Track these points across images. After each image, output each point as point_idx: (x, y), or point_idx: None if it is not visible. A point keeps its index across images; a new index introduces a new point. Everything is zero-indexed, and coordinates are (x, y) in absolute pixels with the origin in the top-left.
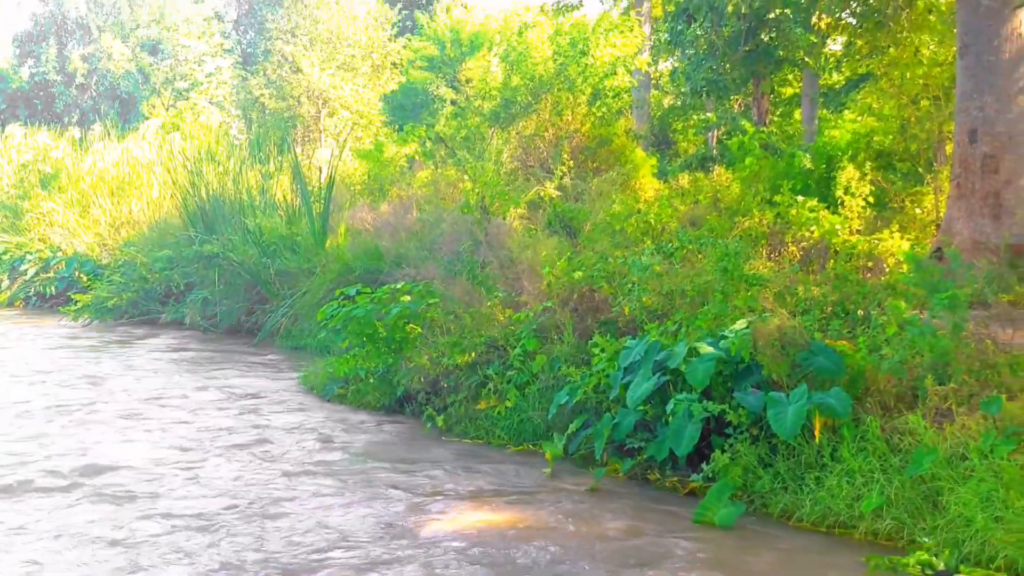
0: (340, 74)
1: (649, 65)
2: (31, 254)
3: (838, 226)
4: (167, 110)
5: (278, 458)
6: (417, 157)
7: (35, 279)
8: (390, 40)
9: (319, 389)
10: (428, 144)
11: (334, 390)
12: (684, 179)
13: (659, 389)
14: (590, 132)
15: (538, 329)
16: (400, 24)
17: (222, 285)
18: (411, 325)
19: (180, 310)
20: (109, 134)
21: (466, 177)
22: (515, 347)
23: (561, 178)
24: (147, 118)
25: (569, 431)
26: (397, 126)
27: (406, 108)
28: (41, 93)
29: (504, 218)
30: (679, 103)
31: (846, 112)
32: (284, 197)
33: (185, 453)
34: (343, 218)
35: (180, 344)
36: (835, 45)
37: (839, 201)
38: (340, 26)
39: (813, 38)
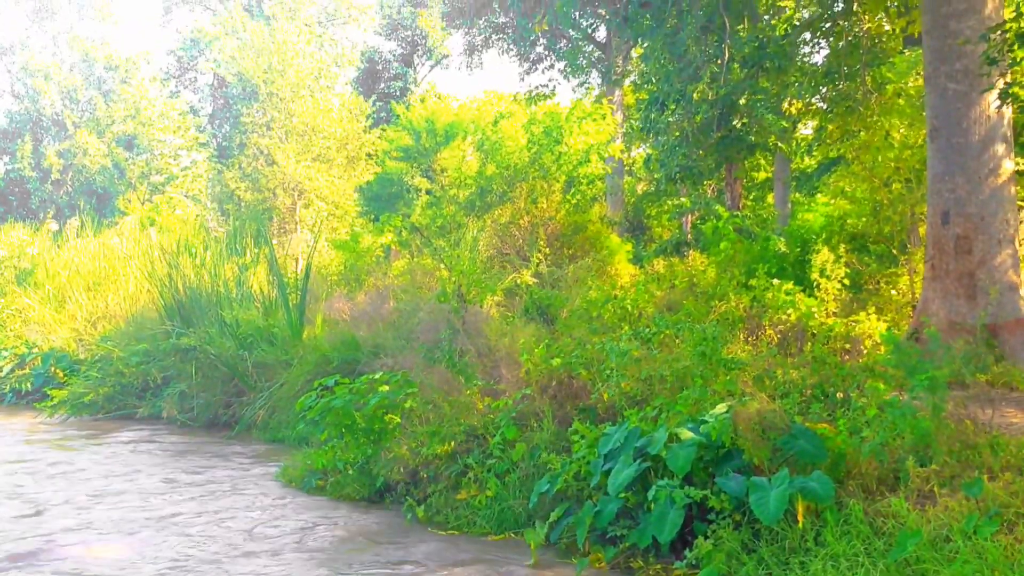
0: (315, 165)
1: (622, 152)
2: (6, 350)
3: (814, 309)
4: (143, 204)
5: (255, 553)
6: (393, 247)
7: (10, 376)
8: (364, 132)
9: (298, 482)
10: (404, 234)
11: (313, 483)
12: (659, 264)
13: (640, 476)
14: (565, 219)
15: (517, 417)
16: (374, 116)
17: (199, 378)
18: (390, 415)
19: (157, 404)
20: (85, 229)
21: (442, 266)
22: (495, 435)
23: (537, 265)
24: (124, 213)
25: (551, 519)
26: (373, 216)
27: (381, 198)
28: (16, 189)
29: (481, 306)
30: (653, 189)
31: (819, 195)
32: (261, 289)
33: (156, 547)
34: (320, 309)
35: (156, 437)
36: (806, 129)
37: (815, 284)
38: (315, 118)
39: (784, 123)
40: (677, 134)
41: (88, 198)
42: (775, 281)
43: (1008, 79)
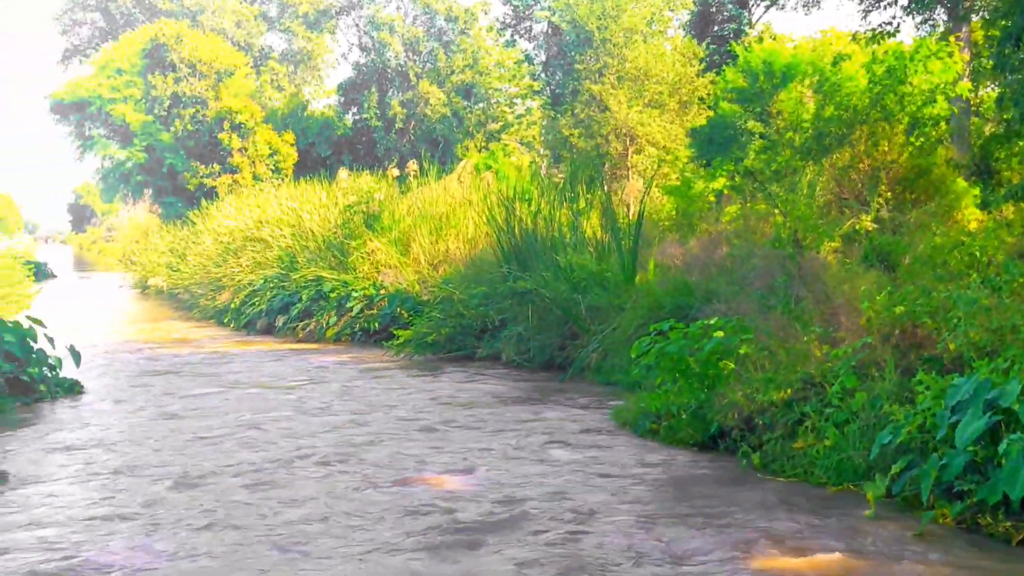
0: (648, 111)
1: (970, 91)
2: (356, 292)
3: None
4: (480, 151)
5: (598, 487)
6: (725, 192)
7: (360, 316)
8: (697, 76)
9: (631, 424)
10: (737, 179)
11: (646, 425)
12: (1009, 209)
13: (990, 429)
14: (908, 162)
15: (857, 366)
16: (707, 59)
17: (535, 320)
18: (724, 361)
19: (495, 345)
20: (426, 176)
21: (777, 211)
22: (833, 384)
23: (878, 211)
24: (461, 159)
25: (893, 471)
26: (704, 161)
27: (714, 142)
28: (363, 138)
29: (818, 252)
30: (1003, 130)
31: None
32: (594, 234)
33: (494, 485)
34: (652, 254)
35: (495, 377)
36: None
37: None
38: (647, 63)
39: None
40: None
41: (429, 146)
42: None
43: None
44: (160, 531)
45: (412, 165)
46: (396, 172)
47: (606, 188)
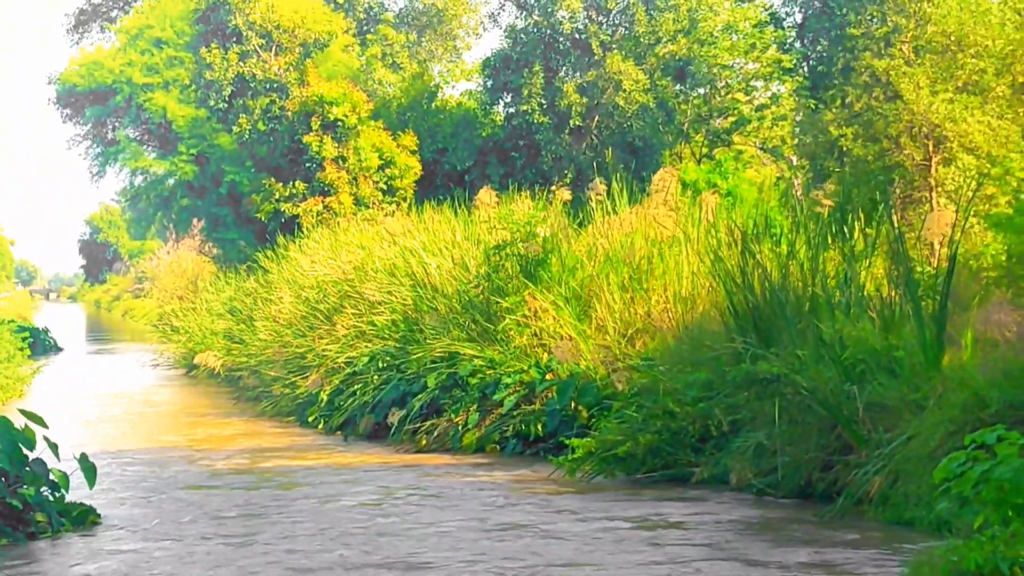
0: (961, 99)
1: None
2: (510, 377)
3: None
4: (699, 161)
5: None
6: None
7: (515, 414)
8: None
9: None
10: None
11: None
12: None
13: None
14: None
15: None
16: None
17: (784, 424)
18: None
19: (722, 461)
20: (617, 198)
21: None
22: None
23: None
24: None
25: None
26: None
27: None
28: (522, 142)
29: None
30: None
31: None
32: (877, 290)
33: None
34: (969, 321)
35: (717, 512)
36: None
37: None
38: (961, 26)
39: None
40: None
41: (621, 153)
42: None
43: None
44: None
45: (597, 184)
46: (567, 195)
47: (896, 219)
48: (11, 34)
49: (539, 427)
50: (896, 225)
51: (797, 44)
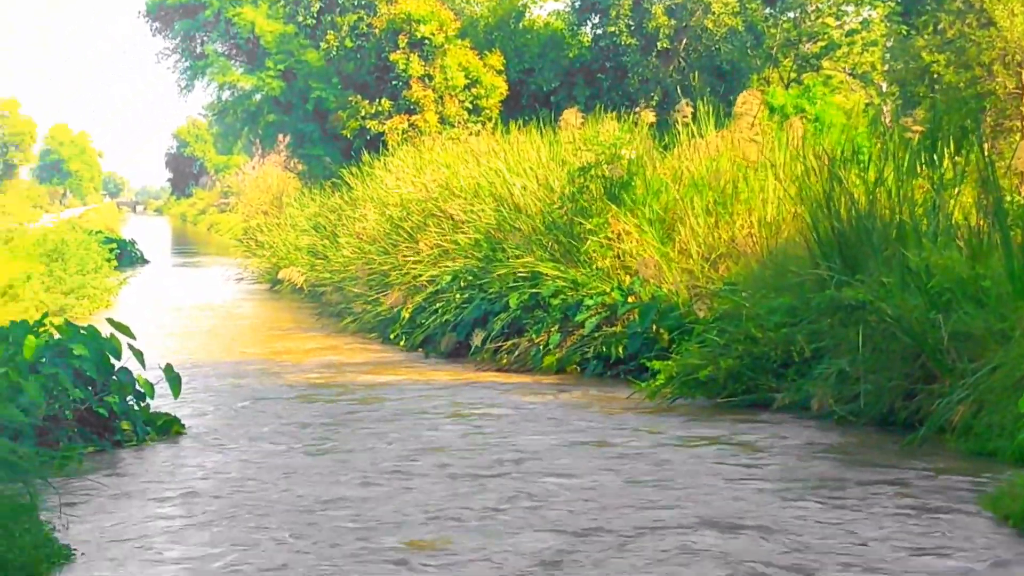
0: None
1: None
2: (591, 298)
3: None
4: (787, 86)
5: None
6: None
7: (596, 335)
8: None
9: (1016, 519)
10: None
11: None
12: None
13: None
14: None
15: None
16: None
17: (868, 352)
18: None
19: (804, 388)
20: (703, 122)
21: None
22: None
23: None
24: (764, 95)
25: None
26: None
27: None
28: (607, 64)
29: None
30: None
31: None
32: (965, 219)
33: None
34: None
35: (800, 435)
36: None
37: None
38: None
39: None
40: None
41: (707, 76)
42: None
43: None
44: None
45: (684, 107)
46: (652, 116)
47: (987, 148)
48: None
49: (620, 349)
50: (986, 153)
51: None
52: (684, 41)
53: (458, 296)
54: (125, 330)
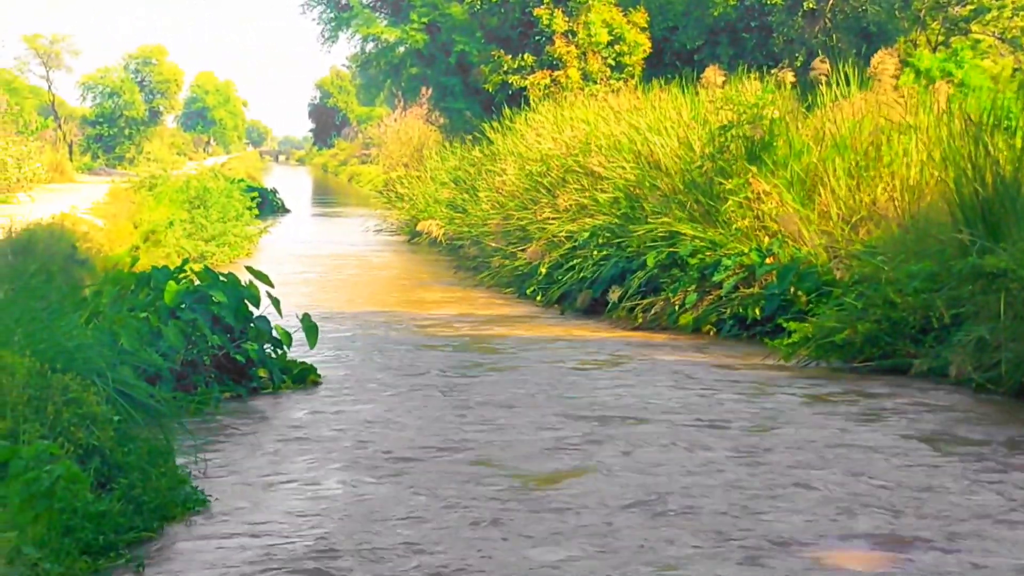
0: None
1: None
2: (730, 259)
3: None
4: (934, 50)
5: None
6: None
7: (733, 296)
8: None
9: None
10: None
11: None
12: None
13: None
14: None
15: None
16: None
17: (1009, 320)
18: None
19: (942, 354)
20: (846, 83)
21: None
22: None
23: None
24: (909, 60)
25: None
26: None
27: None
28: (753, 24)
29: None
30: None
31: None
32: None
33: None
34: None
35: (931, 405)
36: None
37: None
38: None
39: None
40: None
41: (853, 37)
42: None
43: None
44: None
45: (821, 64)
46: (792, 77)
47: None
48: None
49: (757, 310)
50: None
51: None
52: (831, 2)
53: (596, 253)
54: (264, 278)
